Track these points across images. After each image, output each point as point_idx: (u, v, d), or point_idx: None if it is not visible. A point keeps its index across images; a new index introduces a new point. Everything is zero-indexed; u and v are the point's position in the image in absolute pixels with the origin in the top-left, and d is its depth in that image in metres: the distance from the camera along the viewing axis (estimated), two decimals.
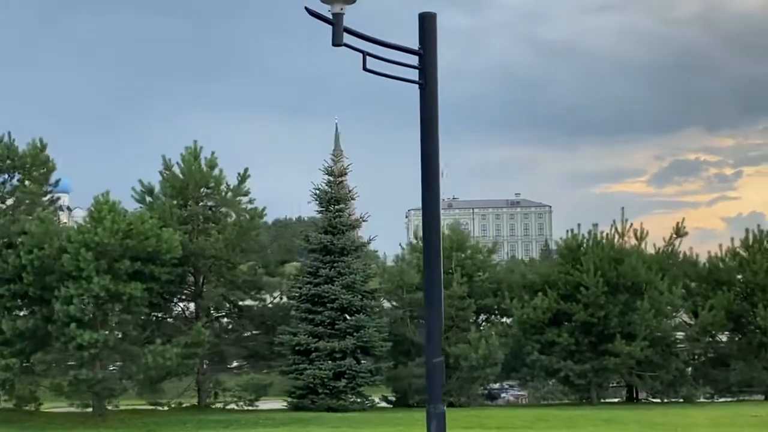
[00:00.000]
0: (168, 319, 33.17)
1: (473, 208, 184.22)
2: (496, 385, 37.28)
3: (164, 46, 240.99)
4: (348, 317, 30.77)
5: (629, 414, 27.92)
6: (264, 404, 33.58)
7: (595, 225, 34.22)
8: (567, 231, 34.67)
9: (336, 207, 32.22)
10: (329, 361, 30.12)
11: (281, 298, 33.29)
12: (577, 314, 31.98)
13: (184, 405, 32.83)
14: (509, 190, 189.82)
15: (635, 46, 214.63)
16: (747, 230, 36.43)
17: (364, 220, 33.07)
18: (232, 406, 32.85)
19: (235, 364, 34.78)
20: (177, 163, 32.34)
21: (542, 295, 32.21)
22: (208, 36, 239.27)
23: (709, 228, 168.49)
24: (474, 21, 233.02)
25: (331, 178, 32.47)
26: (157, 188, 32.49)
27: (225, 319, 34.51)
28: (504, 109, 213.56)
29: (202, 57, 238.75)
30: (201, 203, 32.57)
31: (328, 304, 30.68)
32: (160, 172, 32.81)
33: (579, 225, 34.52)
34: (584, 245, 33.88)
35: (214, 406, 32.93)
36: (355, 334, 30.33)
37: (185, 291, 32.59)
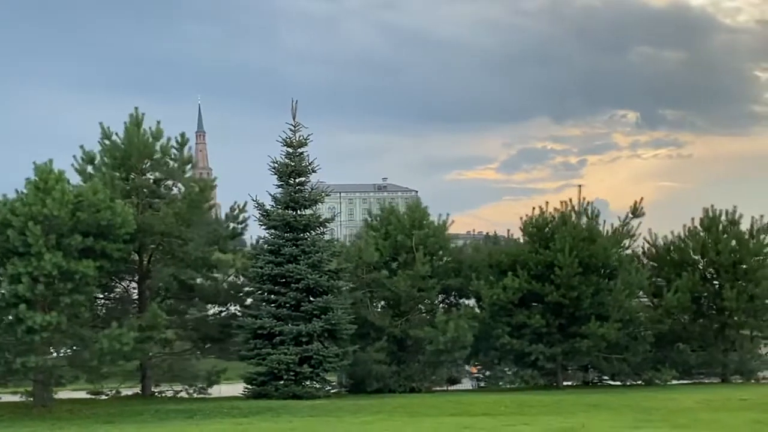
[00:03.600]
0: (108, 302, 30.66)
1: (340, 192, 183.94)
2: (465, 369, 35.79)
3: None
4: (313, 298, 28.73)
5: (613, 399, 26.64)
6: (216, 391, 31.42)
7: (547, 203, 32.83)
8: (532, 209, 33.36)
9: (297, 180, 30.14)
10: (294, 346, 28.09)
11: (237, 278, 31.02)
12: (549, 295, 30.68)
13: (123, 394, 30.49)
14: (368, 176, 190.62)
15: (487, 35, 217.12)
16: (705, 210, 35.75)
17: (327, 195, 30.99)
18: (182, 394, 30.58)
19: (183, 348, 32.25)
20: (116, 133, 29.88)
21: (513, 276, 30.78)
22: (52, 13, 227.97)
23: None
24: (331, 6, 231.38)
25: (290, 150, 30.31)
26: (97, 159, 29.85)
27: (171, 300, 32.00)
28: (361, 95, 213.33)
29: (44, 34, 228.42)
30: (145, 175, 30.13)
31: (292, 285, 28.60)
32: (99, 142, 30.24)
33: (547, 203, 33.24)
34: (551, 224, 32.66)
35: (163, 395, 30.57)
36: (322, 316, 28.35)
37: (131, 270, 30.05)
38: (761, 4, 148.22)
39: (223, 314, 31.73)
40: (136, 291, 30.40)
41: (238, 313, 30.41)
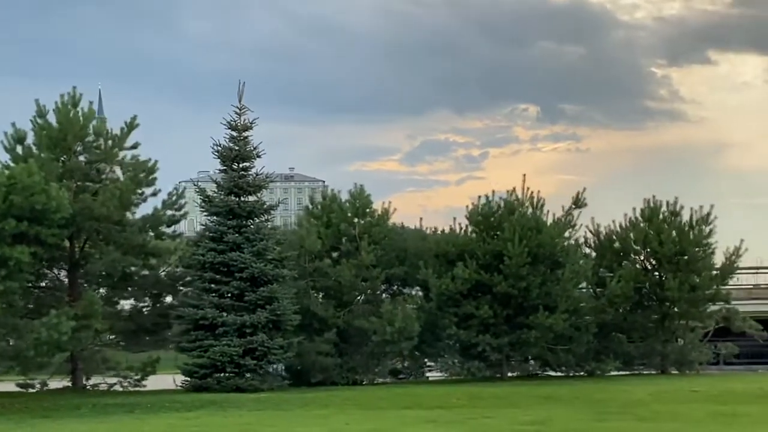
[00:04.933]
0: (37, 291, 29.17)
1: None
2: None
3: None
4: (257, 288, 27.71)
5: (564, 391, 26.29)
6: (151, 384, 30.18)
7: (510, 192, 32.35)
8: (479, 197, 32.80)
9: (241, 165, 29.08)
10: (238, 337, 27.08)
11: (176, 266, 29.82)
12: (498, 285, 30.21)
13: (52, 387, 29.08)
14: (274, 165, 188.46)
15: (390, 25, 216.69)
16: (646, 200, 35.67)
17: (272, 180, 29.98)
18: (117, 387, 29.30)
19: (116, 339, 30.91)
20: (52, 110, 28.48)
21: (463, 266, 30.20)
22: None
23: (458, 206, 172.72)
24: None
25: (235, 134, 29.23)
26: (30, 139, 28.39)
27: (104, 289, 30.64)
28: (265, 84, 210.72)
29: None
30: (81, 156, 28.74)
31: (236, 274, 27.57)
32: (32, 120, 28.78)
33: (493, 192, 32.72)
34: (497, 213, 32.18)
35: (96, 388, 29.25)
36: (267, 306, 27.38)
37: (63, 257, 28.62)
38: (658, 2, 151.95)
39: (159, 305, 30.49)
40: (66, 279, 29.00)
41: (177, 303, 29.22)
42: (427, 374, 36.12)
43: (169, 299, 30.36)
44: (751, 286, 51.87)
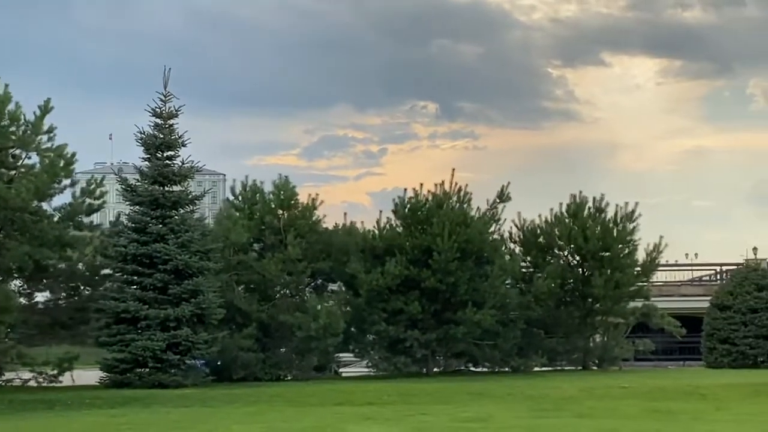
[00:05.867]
0: None
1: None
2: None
3: None
4: (182, 281, 26.79)
5: (494, 387, 26.01)
6: (67, 380, 29.01)
7: (441, 184, 31.99)
8: (404, 190, 32.40)
9: (166, 154, 28.12)
10: (161, 331, 26.14)
11: (94, 258, 28.67)
12: (427, 281, 29.86)
13: None
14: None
15: (289, 19, 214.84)
16: (572, 196, 35.72)
17: (198, 170, 29.04)
18: (32, 382, 28.06)
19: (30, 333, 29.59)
20: None
21: (393, 261, 29.74)
22: None
23: (357, 201, 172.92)
24: None
25: (159, 121, 28.22)
26: None
27: (18, 281, 29.32)
28: (157, 75, 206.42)
29: None
30: None
31: (159, 266, 26.60)
32: None
33: (421, 185, 32.36)
34: (424, 208, 31.81)
35: (9, 383, 27.97)
36: (191, 300, 26.50)
37: None
38: (555, 4, 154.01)
39: (76, 298, 29.31)
40: None
41: (96, 296, 28.09)
42: (341, 370, 35.66)
43: (87, 291, 29.18)
44: (662, 284, 52.69)
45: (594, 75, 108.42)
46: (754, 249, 55.58)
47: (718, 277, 57.80)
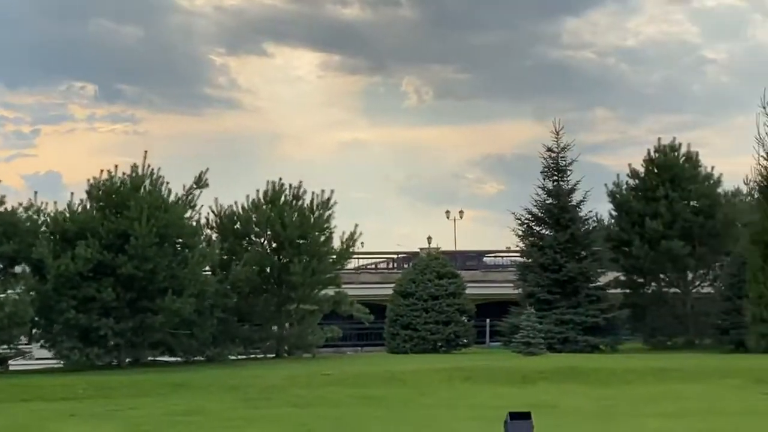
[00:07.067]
0: None
1: None
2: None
3: None
4: None
5: (195, 377, 25.16)
6: None
7: (135, 166, 30.40)
8: (100, 171, 30.53)
9: None
10: None
11: None
12: (123, 267, 28.26)
13: None
14: None
15: None
16: (269, 183, 35.30)
17: None
18: None
19: None
20: None
21: (85, 245, 27.85)
22: None
23: (9, 184, 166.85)
24: None
25: None
26: None
27: None
28: None
29: None
30: None
31: None
32: None
33: (116, 167, 30.63)
34: (120, 190, 30.14)
35: None
36: None
37: None
38: None
39: None
40: None
41: None
42: (9, 362, 33.12)
43: None
44: (353, 271, 53.68)
45: (257, 65, 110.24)
46: (429, 238, 58.32)
47: (394, 265, 60.14)
